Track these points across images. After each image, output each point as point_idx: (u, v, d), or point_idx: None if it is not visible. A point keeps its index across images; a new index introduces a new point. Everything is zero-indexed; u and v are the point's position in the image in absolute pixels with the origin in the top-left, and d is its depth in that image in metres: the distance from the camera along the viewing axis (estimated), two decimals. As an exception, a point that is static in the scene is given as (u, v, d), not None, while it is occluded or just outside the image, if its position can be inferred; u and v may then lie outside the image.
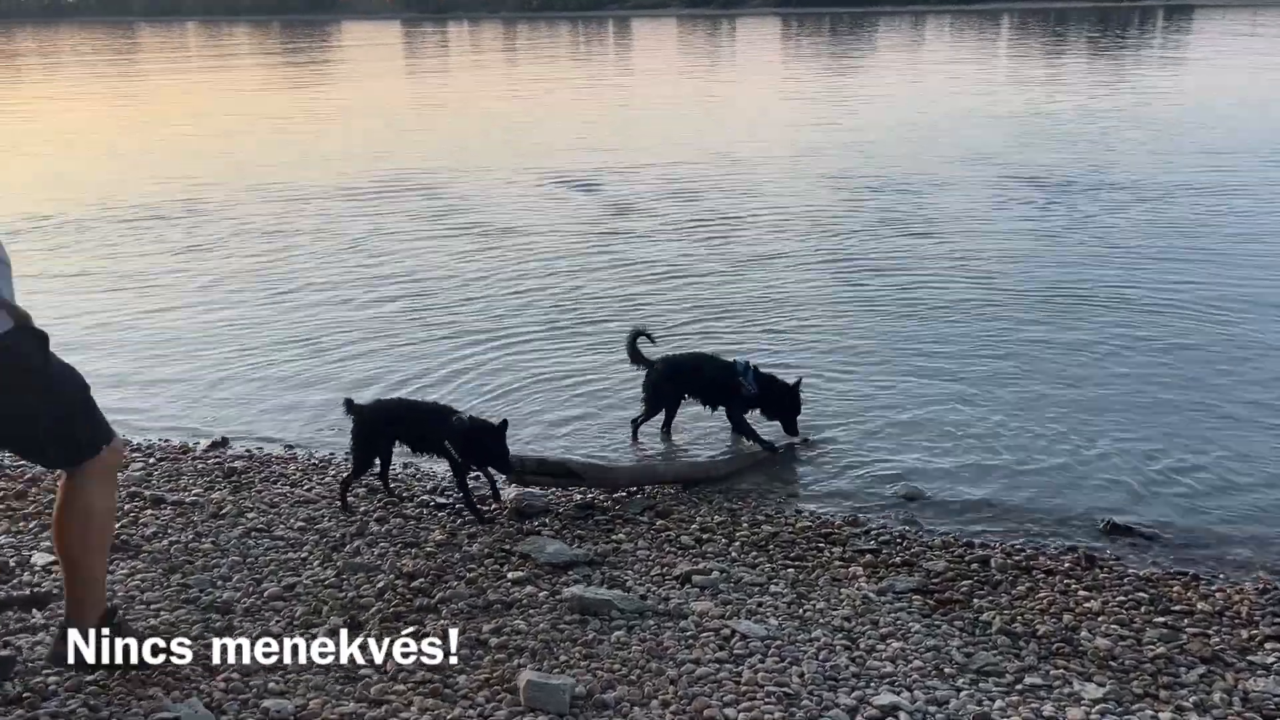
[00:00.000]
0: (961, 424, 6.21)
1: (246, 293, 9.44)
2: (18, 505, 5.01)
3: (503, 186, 14.63)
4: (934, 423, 6.24)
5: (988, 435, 6.05)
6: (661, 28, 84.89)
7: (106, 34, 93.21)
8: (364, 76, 40.76)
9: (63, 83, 38.58)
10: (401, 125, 23.09)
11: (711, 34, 73.04)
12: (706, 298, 8.99)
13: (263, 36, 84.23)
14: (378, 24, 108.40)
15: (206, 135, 21.55)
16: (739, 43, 62.05)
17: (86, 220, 12.61)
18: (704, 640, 3.86)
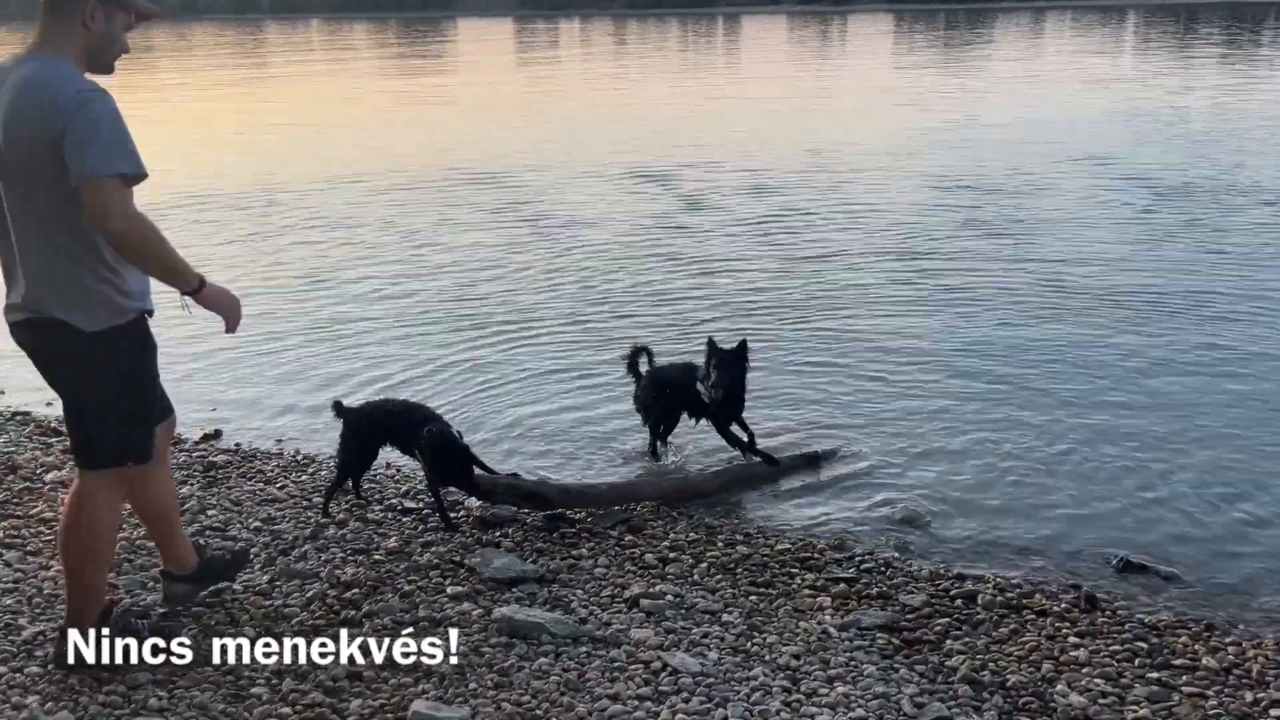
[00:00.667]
0: (986, 442, 5.77)
1: (283, 280, 9.49)
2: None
3: (578, 180, 14.44)
4: (958, 439, 5.83)
5: (1011, 456, 5.60)
6: (772, 24, 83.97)
7: (236, 30, 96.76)
8: (469, 71, 41.19)
9: (193, 76, 39.97)
10: (494, 118, 23.14)
11: (822, 30, 71.96)
12: (754, 295, 8.71)
13: (380, 32, 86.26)
14: (491, 20, 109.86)
15: (309, 125, 21.99)
16: (849, 39, 60.94)
17: (165, 206, 12.82)
18: (631, 673, 3.57)
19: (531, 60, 48.86)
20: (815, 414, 6.26)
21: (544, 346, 7.54)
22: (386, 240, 11.13)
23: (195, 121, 23.31)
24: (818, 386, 6.66)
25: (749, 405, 5.47)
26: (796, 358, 7.20)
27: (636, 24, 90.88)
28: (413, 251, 10.60)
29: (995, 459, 5.57)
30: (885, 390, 6.53)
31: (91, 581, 3.40)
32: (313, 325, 8.08)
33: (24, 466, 5.31)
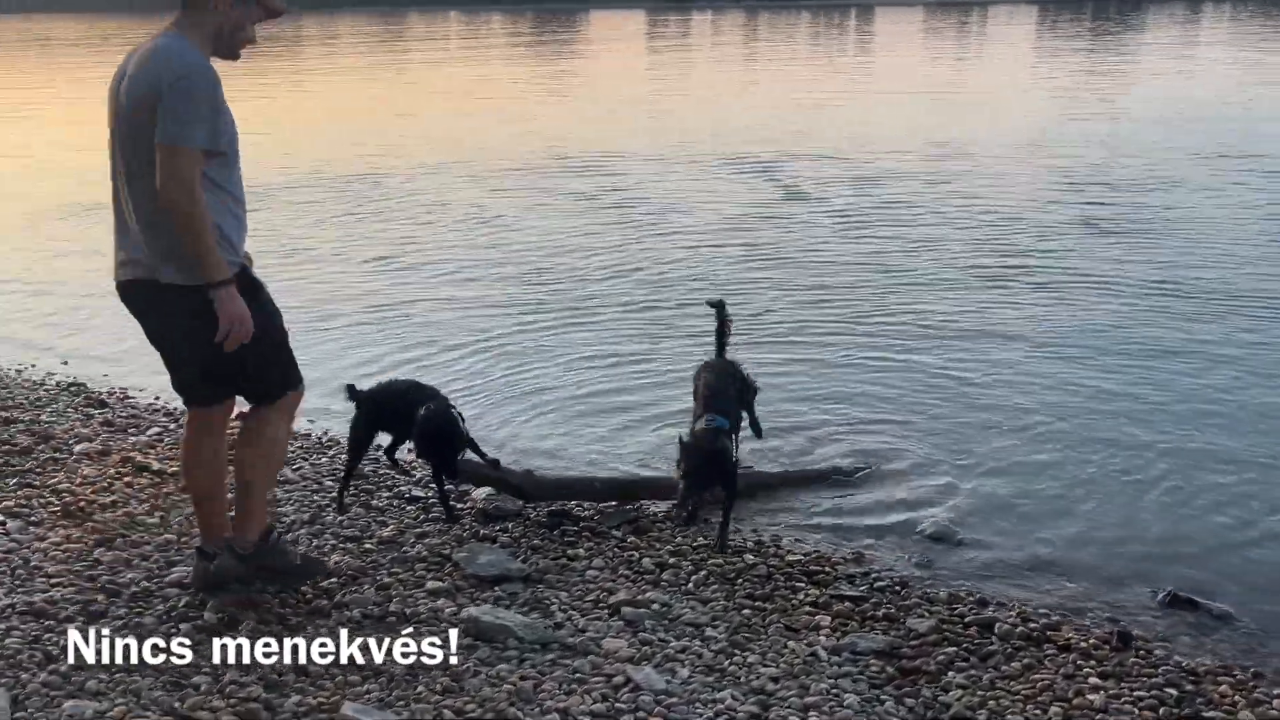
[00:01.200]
0: (1044, 457, 5.35)
1: (353, 259, 9.55)
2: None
3: (678, 169, 14.17)
4: (1014, 452, 5.41)
5: (1069, 474, 5.17)
6: (908, 17, 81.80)
7: (380, 20, 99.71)
8: (593, 62, 41.37)
9: (333, 64, 41.29)
10: (608, 107, 23.11)
11: (961, 23, 69.73)
12: (831, 288, 8.39)
13: (515, 23, 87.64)
14: (624, 12, 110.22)
15: (433, 112, 22.33)
16: (989, 32, 58.88)
17: (275, 186, 13.13)
18: (591, 686, 3.35)
19: (657, 51, 48.75)
20: (865, 412, 5.95)
21: (596, 331, 7.45)
22: (470, 224, 11.13)
23: (324, 108, 23.97)
24: (874, 384, 6.33)
25: (785, 401, 5.18)
26: (860, 354, 6.89)
27: (768, 16, 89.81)
28: (493, 235, 10.58)
29: (1050, 475, 5.15)
30: (945, 393, 6.14)
31: (261, 494, 3.75)
32: (370, 305, 8.10)
33: (58, 437, 5.39)
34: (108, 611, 3.65)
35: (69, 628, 3.45)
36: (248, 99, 26.75)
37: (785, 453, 5.44)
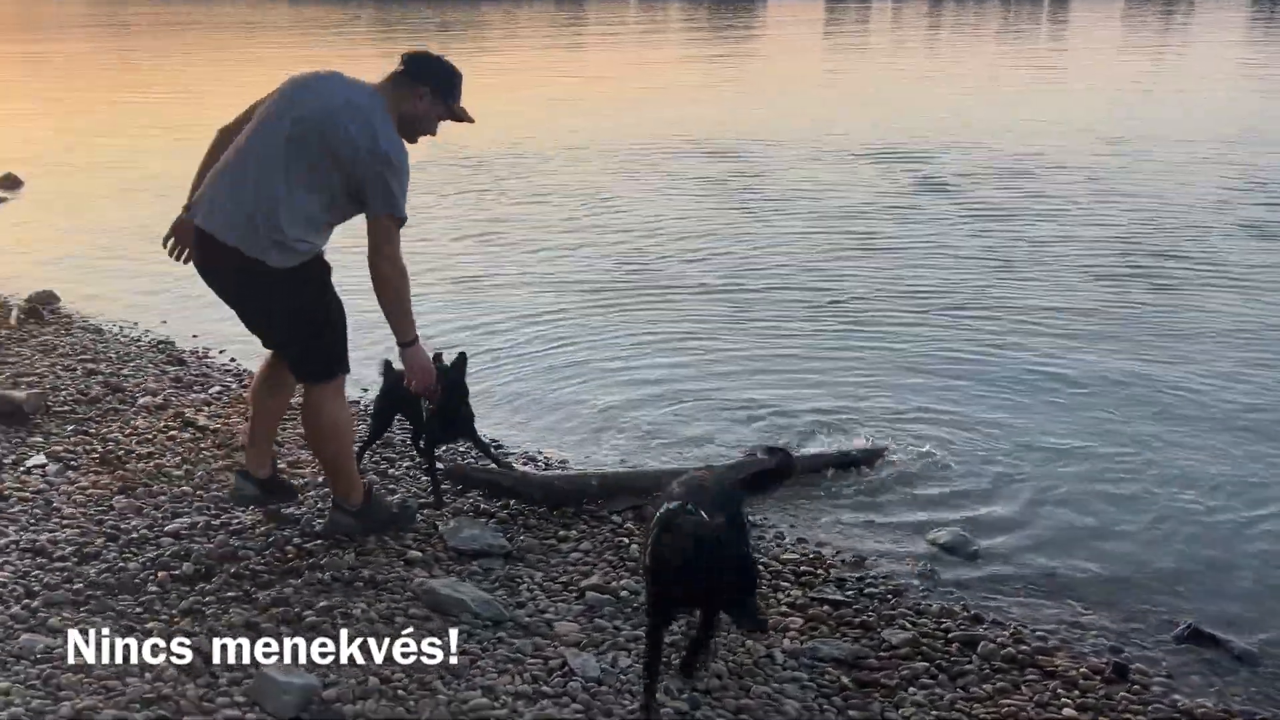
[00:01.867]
0: (1084, 473, 5.01)
1: (456, 235, 9.74)
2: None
3: (816, 157, 13.82)
4: (1054, 465, 5.08)
5: (1108, 494, 4.81)
6: (1106, 7, 77.54)
7: (558, 9, 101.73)
8: (763, 51, 40.98)
9: (505, 50, 42.41)
10: (766, 95, 22.87)
11: (1165, 12, 65.61)
12: (929, 283, 8.06)
13: (692, 12, 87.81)
14: (802, 1, 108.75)
15: (585, 98, 22.60)
16: (1196, 21, 55.15)
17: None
18: (526, 667, 3.32)
19: (831, 41, 47.86)
20: (918, 408, 5.73)
21: (669, 313, 7.46)
22: (582, 204, 11.19)
23: (483, 90, 24.60)
24: (937, 381, 6.11)
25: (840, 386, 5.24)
26: (935, 348, 6.66)
27: (953, 5, 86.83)
28: (601, 215, 10.64)
29: (1088, 493, 4.80)
30: (998, 402, 5.79)
31: (346, 467, 4.01)
32: (454, 277, 8.28)
33: (127, 390, 5.71)
34: (100, 554, 3.84)
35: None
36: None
37: (818, 440, 5.33)
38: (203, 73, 27.40)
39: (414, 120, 3.75)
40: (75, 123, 18.08)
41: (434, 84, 3.75)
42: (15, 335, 6.71)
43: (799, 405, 5.81)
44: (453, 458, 4.86)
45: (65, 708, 2.90)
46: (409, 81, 3.73)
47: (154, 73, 28.10)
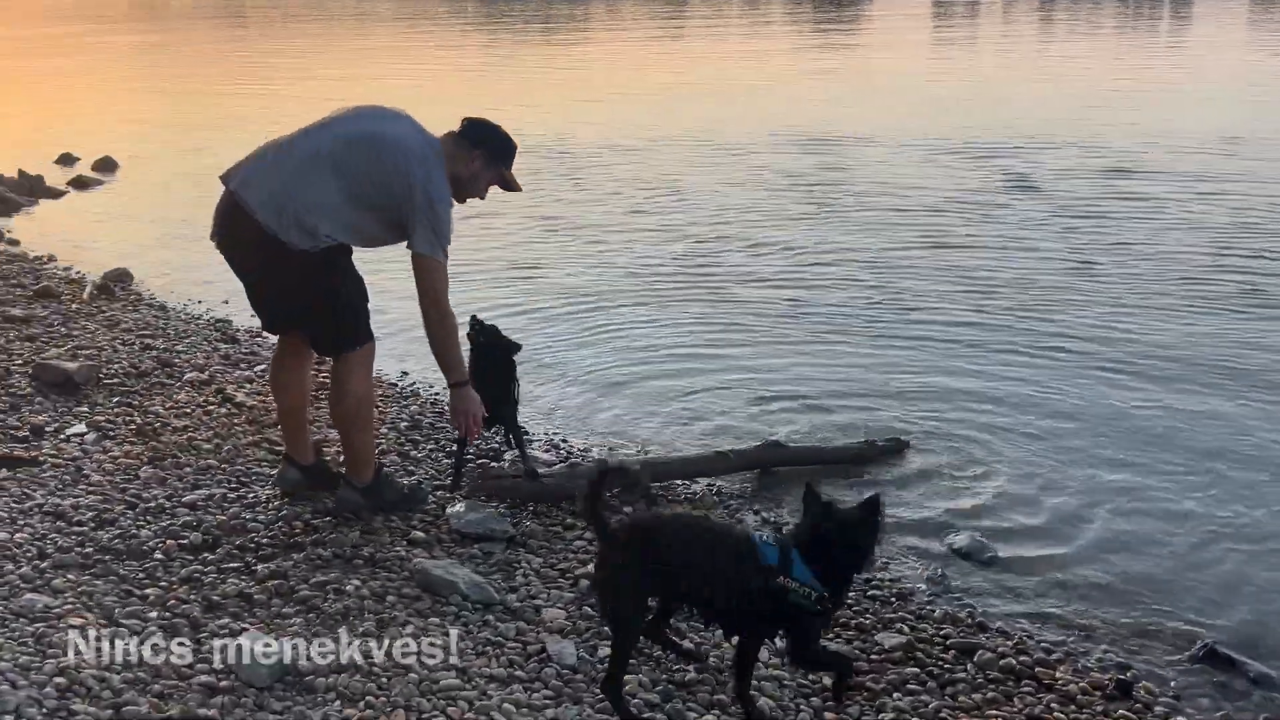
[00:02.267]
0: (1122, 485, 4.80)
1: (524, 225, 9.86)
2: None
3: (906, 151, 13.63)
4: (1092, 476, 4.88)
5: (1144, 509, 4.59)
6: (1232, 3, 74.33)
7: (660, 2, 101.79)
8: (862, 43, 40.41)
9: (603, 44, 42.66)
10: (857, 89, 22.55)
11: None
12: (1001, 282, 7.86)
13: (795, 6, 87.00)
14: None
15: (686, 88, 22.63)
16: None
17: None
18: (504, 651, 3.32)
19: (936, 34, 46.89)
20: (959, 411, 5.58)
21: (720, 303, 7.48)
22: (656, 195, 11.26)
23: (580, 82, 24.88)
24: (984, 386, 5.92)
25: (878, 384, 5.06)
26: (979, 352, 6.47)
27: (1068, 1, 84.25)
28: (672, 206, 10.70)
29: (1123, 509, 4.58)
30: (1047, 410, 5.57)
31: (362, 440, 4.07)
32: (510, 262, 8.45)
33: (176, 365, 5.89)
34: (116, 521, 3.97)
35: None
36: (518, 69, 28.34)
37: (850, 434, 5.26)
38: (314, 64, 28.23)
39: (464, 181, 3.91)
40: (178, 111, 18.77)
41: (488, 150, 3.92)
42: (85, 310, 6.98)
43: (832, 398, 5.78)
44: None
45: (49, 665, 2.99)
46: (466, 144, 3.89)
47: (264, 64, 28.99)
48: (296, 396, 4.26)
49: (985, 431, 5.30)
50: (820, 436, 5.31)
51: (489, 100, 20.76)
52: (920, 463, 5.01)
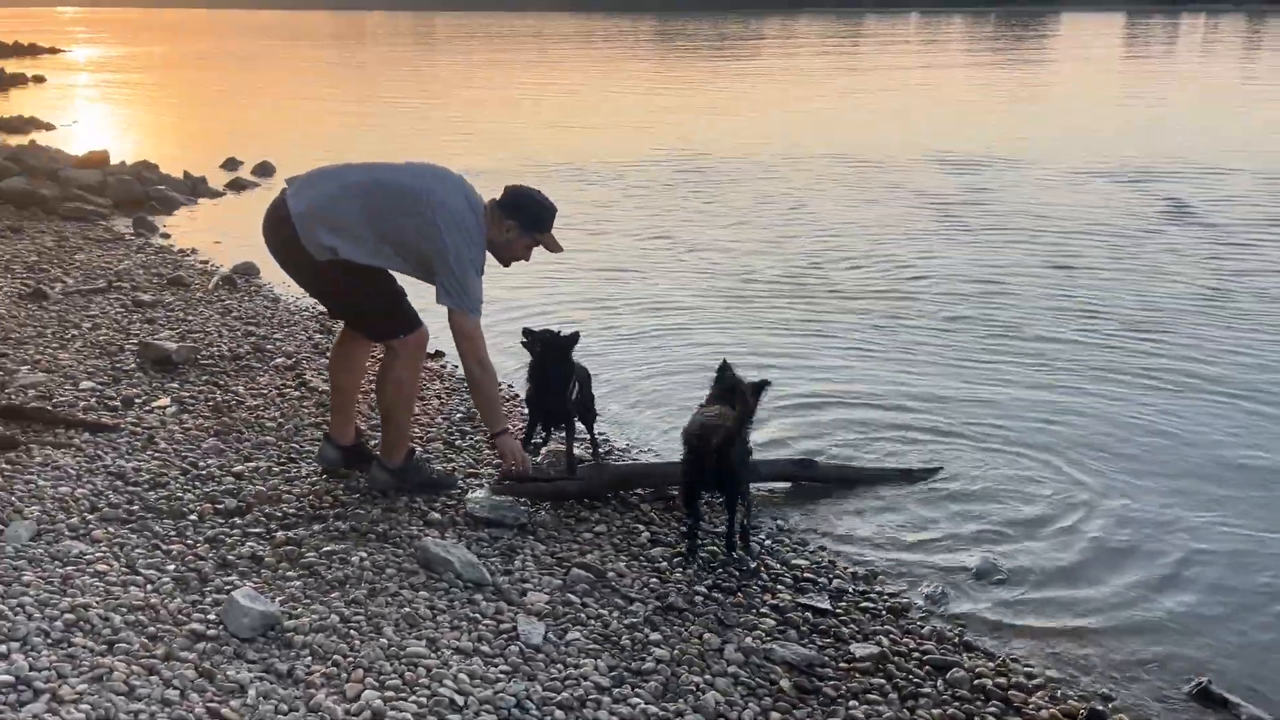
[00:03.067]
0: (1154, 517, 4.65)
1: (604, 234, 10.08)
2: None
3: (1053, 174, 13.52)
4: (1134, 510, 4.71)
5: (1171, 542, 4.44)
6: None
7: (838, 21, 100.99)
8: (1044, 64, 39.22)
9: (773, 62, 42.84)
10: (1023, 109, 22.10)
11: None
12: (1105, 306, 7.70)
13: (977, 25, 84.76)
14: (1100, 15, 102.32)
15: (836, 108, 22.68)
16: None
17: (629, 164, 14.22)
18: (478, 628, 3.49)
19: (1126, 55, 45.00)
20: (1012, 434, 5.47)
21: (813, 316, 7.59)
22: (775, 211, 11.40)
23: (740, 99, 25.16)
24: (1049, 414, 5.76)
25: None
26: (1077, 374, 6.37)
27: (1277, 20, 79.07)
28: (784, 223, 10.80)
29: (1148, 547, 4.41)
30: (1111, 443, 5.39)
31: (399, 423, 4.35)
32: (607, 269, 8.66)
33: (268, 351, 6.33)
34: (167, 484, 4.33)
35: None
36: (681, 85, 28.77)
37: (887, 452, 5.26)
38: (493, 81, 29.46)
39: (500, 246, 4.23)
40: (347, 124, 19.92)
41: (520, 220, 4.19)
42: (207, 299, 7.56)
43: (895, 411, 5.79)
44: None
45: (65, 602, 3.32)
46: (501, 214, 4.17)
47: (443, 81, 30.43)
48: (347, 377, 4.56)
49: (1039, 457, 5.17)
50: (867, 449, 5.28)
51: (646, 113, 21.29)
52: (960, 482, 4.93)
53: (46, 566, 3.57)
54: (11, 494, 4.07)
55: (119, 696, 2.88)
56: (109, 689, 2.91)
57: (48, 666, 2.98)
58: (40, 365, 5.69)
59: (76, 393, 5.31)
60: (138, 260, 8.64)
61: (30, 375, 5.47)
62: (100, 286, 7.53)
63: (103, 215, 10.50)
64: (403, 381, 4.30)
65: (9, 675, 2.89)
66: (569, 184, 12.90)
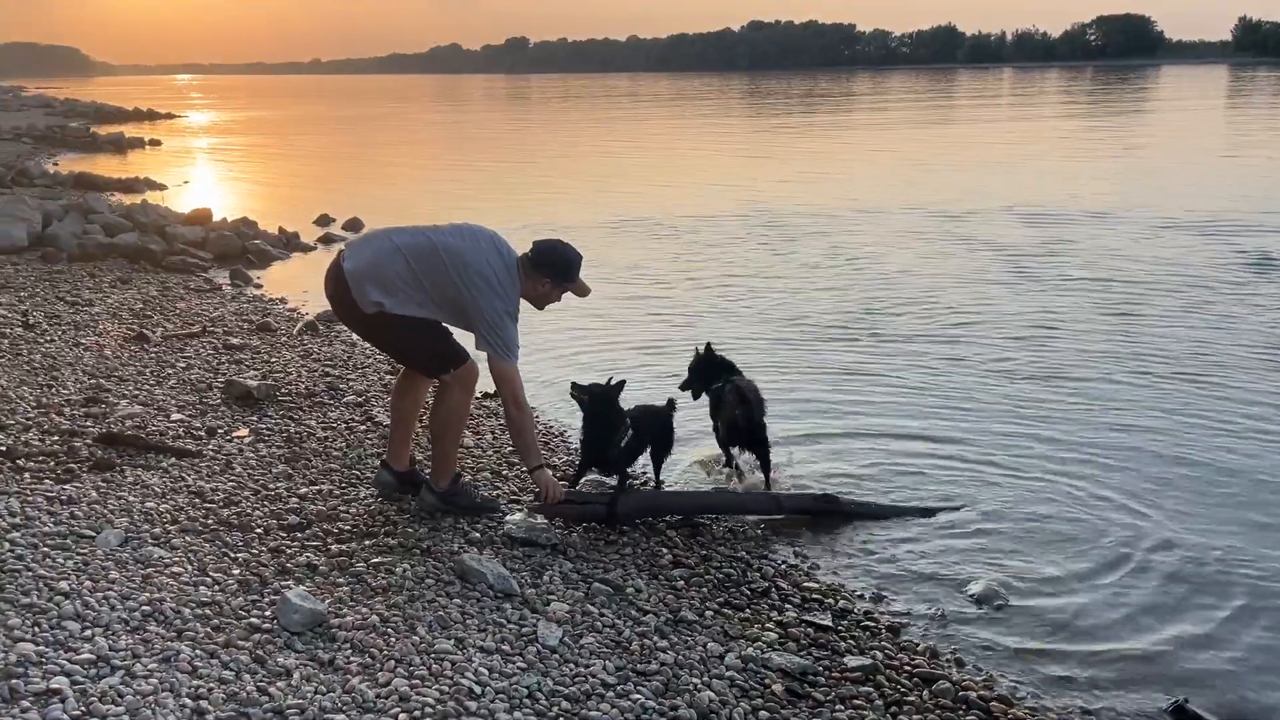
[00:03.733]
0: (1158, 549, 4.83)
1: (682, 281, 10.46)
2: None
3: (1139, 226, 13.67)
4: (1129, 543, 4.88)
5: (1180, 579, 4.60)
6: None
7: (929, 78, 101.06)
8: (1140, 118, 38.84)
9: (865, 117, 43.20)
10: (1114, 162, 22.08)
11: None
12: (1180, 369, 7.57)
13: (1073, 79, 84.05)
14: (1201, 68, 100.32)
15: (936, 164, 22.93)
16: None
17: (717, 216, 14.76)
18: (503, 631, 3.85)
19: (1228, 104, 44.29)
20: (1042, 467, 5.75)
21: (867, 359, 7.84)
22: (855, 264, 11.75)
23: (833, 156, 25.54)
24: (1099, 446, 6.04)
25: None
26: (1126, 415, 6.57)
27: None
28: (851, 274, 11.16)
29: (1170, 566, 4.60)
30: (1162, 471, 5.66)
31: (447, 450, 4.79)
32: (665, 313, 8.94)
33: (341, 390, 6.85)
34: (239, 502, 4.82)
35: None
36: (771, 141, 29.29)
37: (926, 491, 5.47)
38: (590, 141, 30.39)
39: (536, 298, 4.71)
40: (439, 183, 20.81)
41: (551, 274, 4.64)
42: (290, 342, 8.16)
43: (928, 446, 6.07)
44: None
45: (144, 597, 3.80)
46: (533, 268, 4.62)
47: (541, 142, 31.50)
48: (407, 407, 5.02)
49: (1070, 490, 5.40)
50: (897, 480, 5.56)
51: (736, 170, 21.83)
52: (979, 515, 5.16)
53: (130, 567, 4.05)
54: (105, 507, 4.59)
55: (183, 674, 3.32)
56: (175, 667, 3.34)
57: (125, 648, 3.43)
58: (138, 399, 6.29)
59: (167, 423, 5.87)
60: (231, 308, 9.33)
61: (128, 408, 6.05)
62: (195, 331, 8.19)
63: (204, 268, 11.31)
64: (453, 410, 4.73)
65: (92, 654, 3.35)
66: (649, 238, 13.54)
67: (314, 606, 3.78)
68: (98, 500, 4.65)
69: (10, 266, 10.20)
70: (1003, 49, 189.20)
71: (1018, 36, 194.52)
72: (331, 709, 3.22)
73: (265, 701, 3.22)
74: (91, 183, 18.71)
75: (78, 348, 7.37)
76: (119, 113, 48.97)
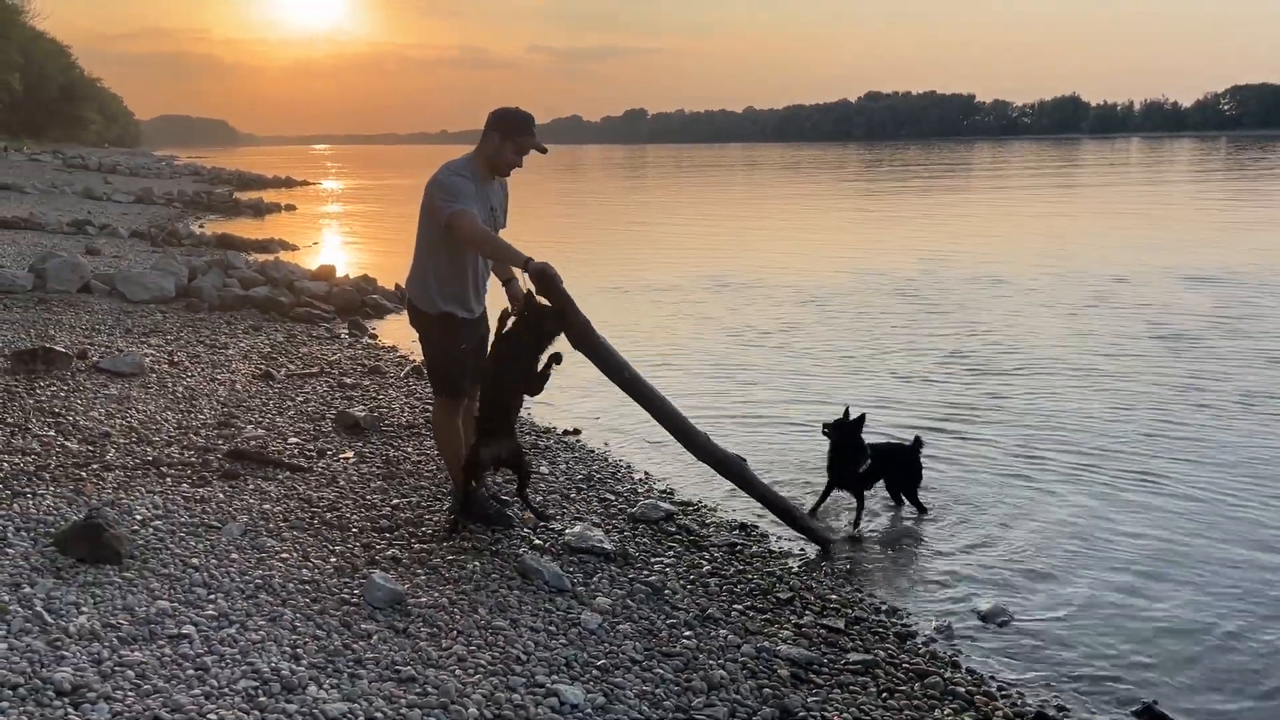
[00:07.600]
0: (1159, 579, 5.19)
1: (756, 339, 11.02)
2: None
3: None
4: (1140, 573, 5.25)
5: (1194, 604, 4.99)
6: None
7: (1053, 148, 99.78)
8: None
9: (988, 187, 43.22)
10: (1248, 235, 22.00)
11: None
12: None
13: (1208, 149, 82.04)
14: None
15: (1058, 233, 23.24)
16: None
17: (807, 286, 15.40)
18: (551, 616, 4.49)
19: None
20: (1044, 512, 6.09)
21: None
22: (953, 324, 12.26)
23: (944, 224, 25.88)
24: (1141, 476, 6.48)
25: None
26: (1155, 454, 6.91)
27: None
28: (944, 329, 11.54)
29: (1172, 603, 4.98)
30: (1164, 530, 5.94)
31: (445, 460, 5.57)
32: (716, 359, 9.58)
33: (415, 425, 7.65)
34: (341, 509, 5.59)
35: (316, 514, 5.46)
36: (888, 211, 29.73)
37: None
38: (699, 211, 31.31)
39: (493, 158, 5.09)
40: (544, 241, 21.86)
41: (499, 129, 5.04)
42: (397, 383, 9.03)
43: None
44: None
45: (257, 573, 4.56)
46: (485, 131, 5.09)
47: (650, 209, 32.54)
48: (452, 440, 5.55)
49: (1089, 519, 5.85)
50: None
51: (849, 240, 22.36)
52: (1006, 534, 5.64)
53: (248, 551, 4.82)
54: (230, 506, 5.40)
55: (284, 630, 4.04)
56: (280, 625, 4.08)
57: (240, 609, 4.18)
58: (261, 425, 7.17)
59: (285, 444, 6.71)
60: (347, 353, 10.29)
61: (253, 431, 6.94)
62: (314, 372, 9.13)
63: (326, 319, 12.37)
64: (442, 434, 5.50)
65: (214, 611, 4.11)
66: (772, 302, 14.21)
67: (395, 587, 4.48)
68: (224, 501, 5.47)
69: (160, 314, 11.40)
70: (1129, 119, 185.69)
71: (1146, 106, 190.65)
72: (401, 662, 3.90)
73: (348, 654, 3.91)
74: (231, 242, 20.33)
75: (213, 383, 8.35)
76: (259, 179, 52.17)
